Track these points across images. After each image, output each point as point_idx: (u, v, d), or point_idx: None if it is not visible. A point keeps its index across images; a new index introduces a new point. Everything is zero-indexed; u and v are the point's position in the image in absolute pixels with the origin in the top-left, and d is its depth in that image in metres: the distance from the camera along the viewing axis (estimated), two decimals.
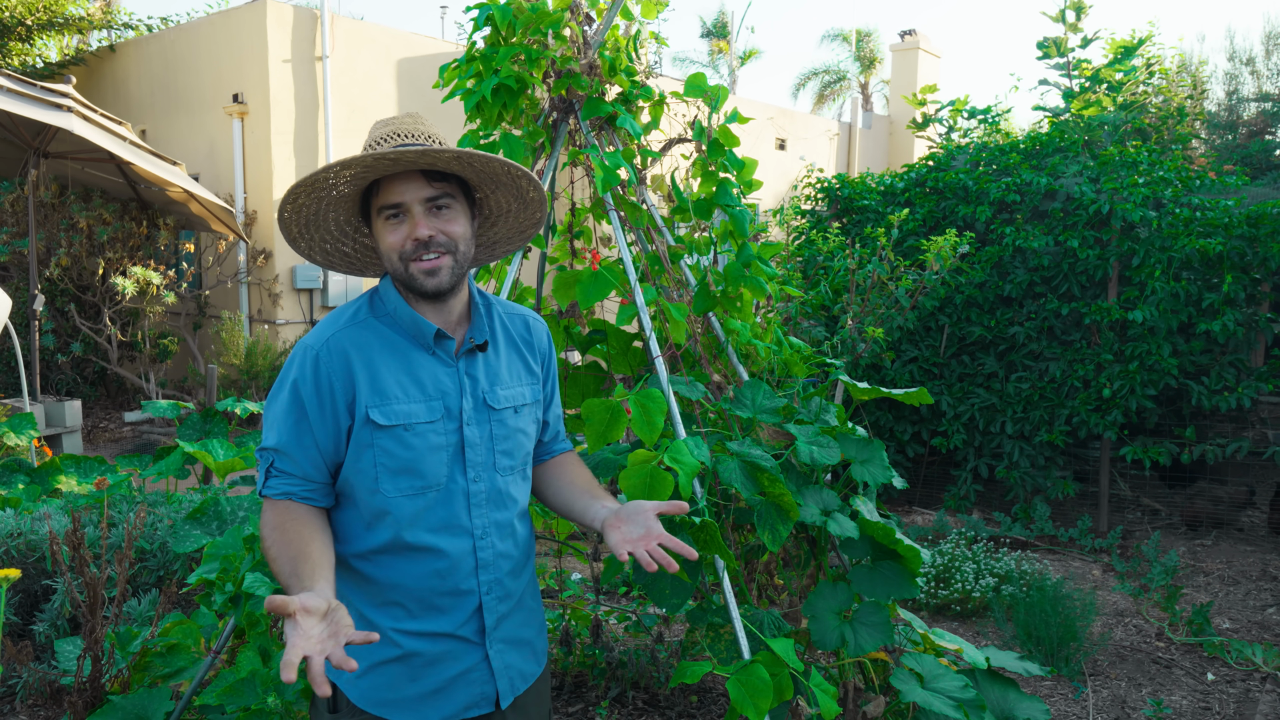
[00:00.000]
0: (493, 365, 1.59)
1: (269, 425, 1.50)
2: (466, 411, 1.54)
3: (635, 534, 1.45)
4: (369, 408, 1.47)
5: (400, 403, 1.49)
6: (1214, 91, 9.83)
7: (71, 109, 6.16)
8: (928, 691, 2.23)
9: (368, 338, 1.51)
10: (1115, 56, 7.35)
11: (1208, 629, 3.91)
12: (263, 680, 2.17)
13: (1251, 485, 5.60)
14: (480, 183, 1.59)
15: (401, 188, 1.48)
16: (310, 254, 1.64)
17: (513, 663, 1.59)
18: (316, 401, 1.47)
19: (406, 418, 1.49)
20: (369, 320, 1.54)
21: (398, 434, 1.48)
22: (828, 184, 6.57)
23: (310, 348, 1.50)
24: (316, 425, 1.47)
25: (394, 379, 1.50)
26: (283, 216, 1.54)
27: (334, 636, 1.18)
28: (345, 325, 1.53)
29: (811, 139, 14.79)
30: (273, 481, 1.47)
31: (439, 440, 1.51)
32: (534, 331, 1.70)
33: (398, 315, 1.54)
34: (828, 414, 2.52)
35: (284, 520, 1.44)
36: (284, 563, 1.37)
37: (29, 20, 10.12)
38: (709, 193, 2.60)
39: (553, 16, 2.46)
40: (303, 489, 1.48)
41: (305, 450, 1.47)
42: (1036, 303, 5.73)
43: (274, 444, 1.48)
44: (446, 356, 1.55)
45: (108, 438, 7.92)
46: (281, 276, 8.96)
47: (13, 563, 3.43)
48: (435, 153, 1.43)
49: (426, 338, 1.53)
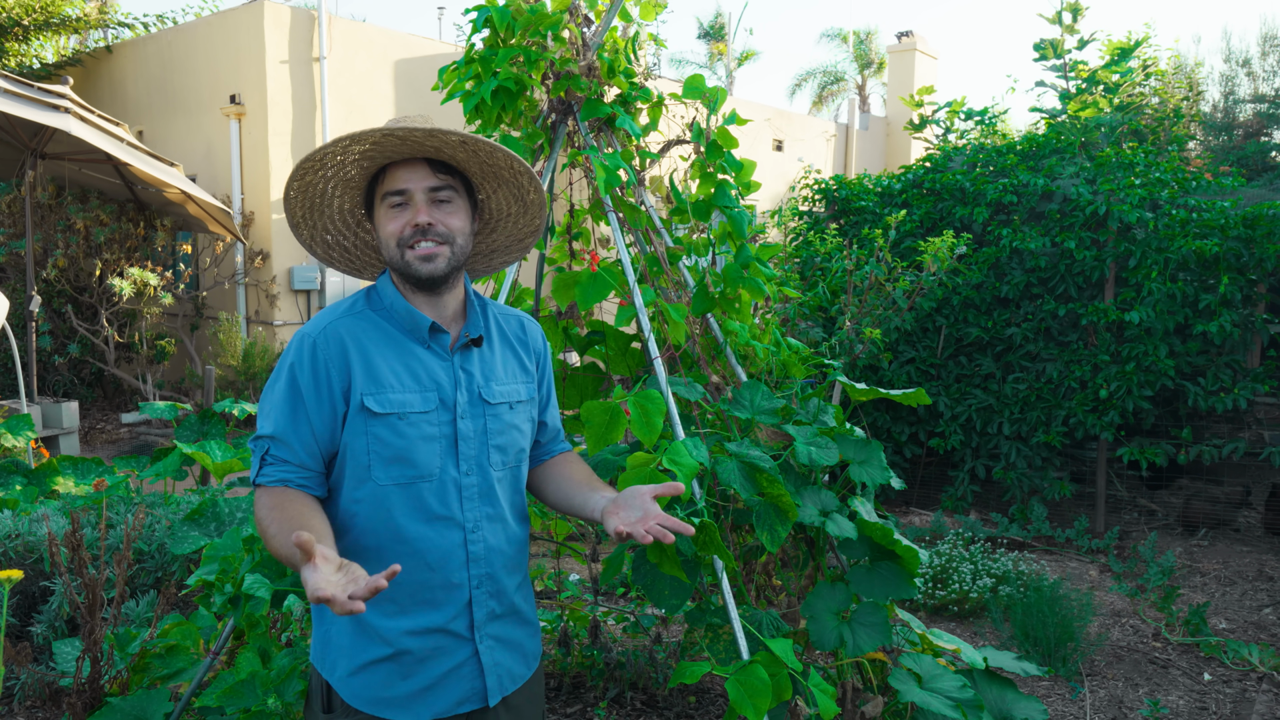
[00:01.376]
0: (488, 361, 1.61)
1: (265, 413, 1.51)
2: (460, 405, 1.55)
3: (633, 517, 1.47)
4: (364, 395, 1.48)
5: (395, 391, 1.50)
6: (1210, 93, 9.86)
7: (69, 110, 6.15)
8: (926, 691, 2.24)
9: (364, 328, 1.54)
10: (1112, 58, 7.37)
11: (1204, 629, 3.92)
12: (263, 682, 2.17)
13: (1248, 486, 5.62)
14: (484, 178, 1.62)
15: (407, 174, 1.51)
16: (311, 245, 1.66)
17: (501, 661, 1.60)
18: (314, 388, 1.48)
19: (401, 406, 1.50)
20: (365, 312, 1.56)
21: (391, 422, 1.49)
22: (825, 185, 6.57)
23: (307, 335, 1.51)
24: (313, 412, 1.48)
25: (389, 368, 1.51)
26: (288, 196, 1.56)
27: (353, 583, 1.19)
28: (343, 315, 1.55)
29: (808, 140, 14.80)
30: (268, 469, 1.48)
31: (432, 430, 1.52)
32: (529, 332, 1.72)
33: (394, 308, 1.56)
34: (826, 415, 2.53)
35: (280, 501, 1.45)
36: (284, 537, 1.37)
37: (25, 21, 10.11)
38: (707, 194, 2.60)
39: (552, 18, 2.47)
40: (298, 476, 1.48)
41: (301, 437, 1.48)
42: (1033, 304, 5.74)
43: (270, 431, 1.48)
44: (442, 350, 1.57)
45: (105, 439, 7.91)
46: (279, 278, 8.96)
47: (10, 564, 3.43)
48: (443, 133, 1.47)
49: (421, 331, 1.55)
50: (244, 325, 8.97)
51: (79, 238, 7.93)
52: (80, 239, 7.94)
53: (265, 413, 1.51)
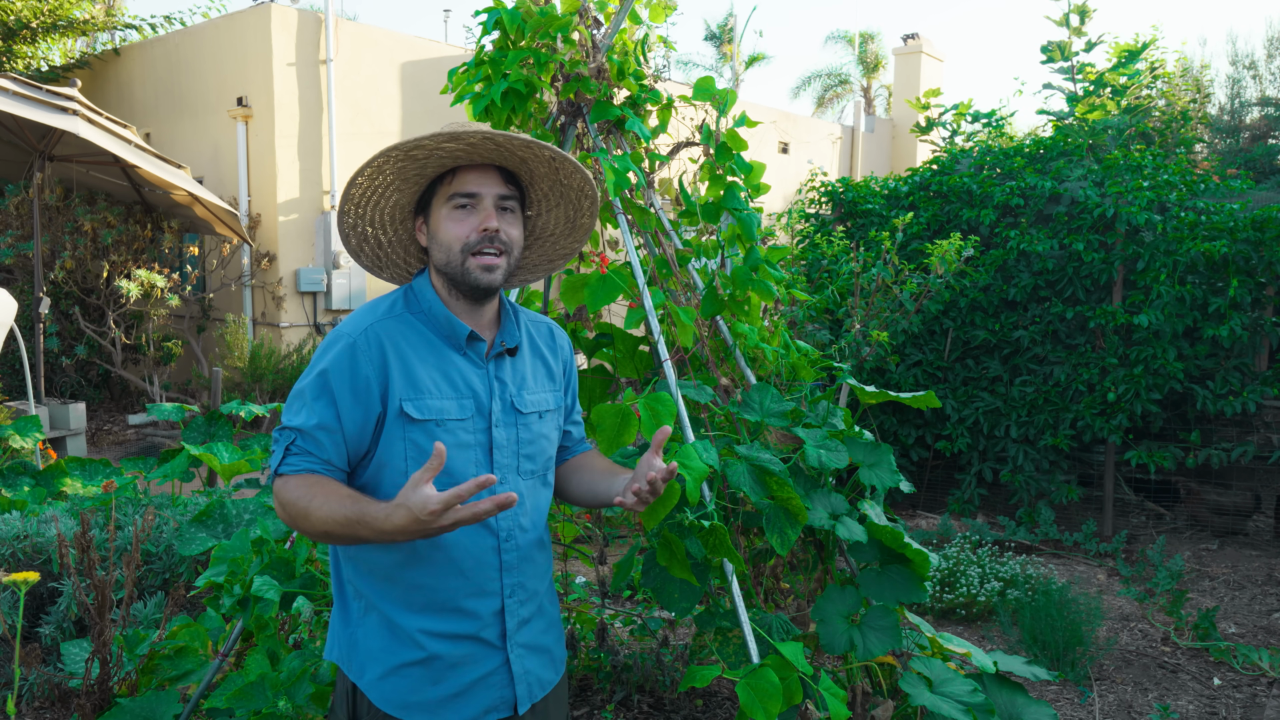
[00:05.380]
0: (520, 370, 1.62)
1: (296, 407, 1.49)
2: (495, 413, 1.55)
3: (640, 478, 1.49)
4: (403, 400, 1.48)
5: (434, 398, 1.50)
6: (1216, 95, 9.83)
7: (77, 112, 6.17)
8: (936, 695, 2.23)
9: (404, 331, 1.53)
10: (1119, 60, 7.34)
11: (1214, 634, 3.90)
12: (273, 684, 2.17)
13: (1257, 490, 5.59)
14: (549, 195, 1.65)
15: (479, 179, 1.52)
16: (348, 235, 1.63)
17: (531, 669, 1.60)
18: (350, 389, 1.47)
19: (439, 413, 1.50)
20: (404, 315, 1.55)
21: (429, 428, 1.49)
22: (832, 187, 6.57)
23: (347, 335, 1.50)
24: (345, 413, 1.47)
25: (427, 374, 1.51)
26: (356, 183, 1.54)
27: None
28: (382, 317, 1.54)
29: (814, 142, 14.79)
30: (293, 459, 1.46)
31: (468, 438, 1.52)
32: (558, 341, 1.74)
33: (433, 313, 1.56)
34: (835, 418, 2.52)
35: (314, 482, 1.44)
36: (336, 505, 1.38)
37: (34, 23, 10.14)
38: (716, 196, 2.60)
39: (561, 20, 2.47)
40: (325, 470, 1.47)
41: (331, 436, 1.47)
42: (1041, 306, 5.73)
43: (300, 424, 1.46)
44: (477, 358, 1.57)
45: (112, 440, 7.92)
46: (285, 280, 8.97)
47: (19, 565, 3.43)
48: (539, 145, 1.50)
49: (460, 338, 1.55)
50: (250, 327, 8.98)
51: (86, 239, 7.95)
52: (88, 241, 7.96)
53: (297, 406, 1.49)
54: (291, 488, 1.44)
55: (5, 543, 3.44)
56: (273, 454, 1.50)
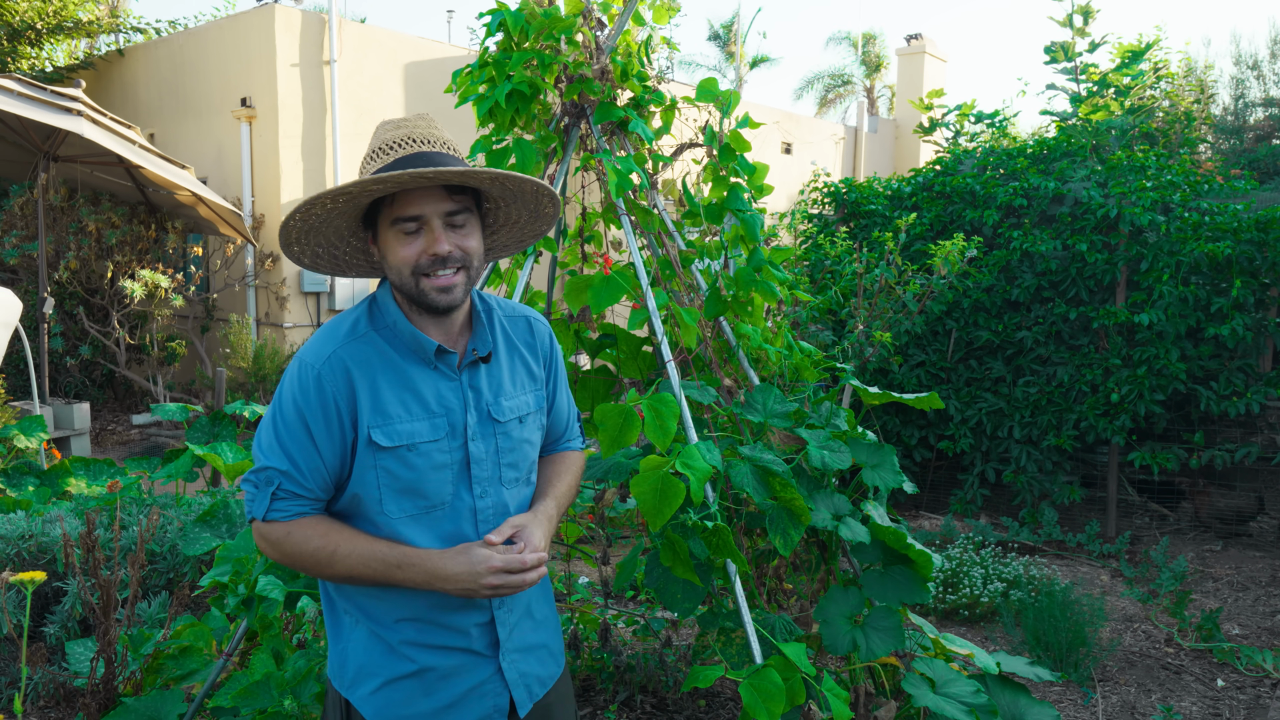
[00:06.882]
0: (496, 375, 1.57)
1: (270, 447, 1.45)
2: (471, 426, 1.51)
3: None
4: (370, 428, 1.44)
5: (403, 422, 1.46)
6: (1220, 96, 9.81)
7: (81, 113, 6.19)
8: (939, 696, 2.23)
9: (368, 353, 1.47)
10: (1123, 61, 7.34)
11: (1217, 635, 3.90)
12: (278, 683, 2.17)
13: (1260, 491, 5.58)
14: (502, 197, 1.57)
15: (421, 199, 1.43)
16: (300, 258, 1.57)
17: (528, 670, 1.59)
18: (322, 420, 1.43)
19: (409, 437, 1.46)
20: (369, 334, 1.49)
21: (400, 454, 1.45)
22: (834, 188, 6.57)
23: (311, 366, 1.45)
24: (323, 444, 1.44)
25: (395, 397, 1.46)
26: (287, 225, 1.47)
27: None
28: (345, 340, 1.48)
29: (817, 143, 14.79)
30: (281, 504, 1.43)
31: (443, 459, 1.48)
32: (536, 333, 1.67)
33: (397, 329, 1.50)
34: (838, 419, 2.53)
35: (325, 526, 1.45)
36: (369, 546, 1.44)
37: (38, 24, 10.17)
38: (720, 197, 2.61)
39: (565, 22, 2.47)
40: (314, 509, 1.46)
41: (313, 468, 1.44)
42: (1044, 307, 5.72)
43: (281, 466, 1.43)
44: (449, 370, 1.52)
45: (116, 440, 7.94)
46: (289, 280, 8.99)
47: (24, 565, 3.45)
48: (474, 173, 1.42)
49: (427, 354, 1.49)
50: (254, 327, 9.00)
51: (91, 240, 7.97)
52: (92, 241, 7.98)
53: (270, 445, 1.45)
54: (300, 539, 1.43)
55: (10, 542, 3.45)
56: (251, 497, 1.45)
